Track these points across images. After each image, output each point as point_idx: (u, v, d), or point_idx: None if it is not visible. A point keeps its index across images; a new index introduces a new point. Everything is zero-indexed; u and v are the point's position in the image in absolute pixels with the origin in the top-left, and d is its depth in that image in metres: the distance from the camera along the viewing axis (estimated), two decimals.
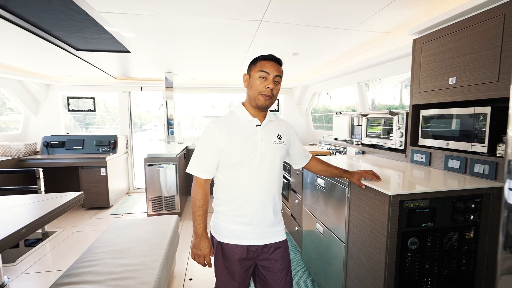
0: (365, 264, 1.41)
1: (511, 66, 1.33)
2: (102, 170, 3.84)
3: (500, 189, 1.36)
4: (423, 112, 1.87)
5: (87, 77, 4.26)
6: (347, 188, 1.58)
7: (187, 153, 4.29)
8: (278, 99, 5.15)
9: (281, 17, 1.91)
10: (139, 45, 2.57)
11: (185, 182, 4.08)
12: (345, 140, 3.18)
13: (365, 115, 2.61)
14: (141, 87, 4.73)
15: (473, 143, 1.52)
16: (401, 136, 2.11)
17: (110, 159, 3.95)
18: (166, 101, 4.26)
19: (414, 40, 1.91)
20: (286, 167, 3.04)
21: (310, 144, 4.17)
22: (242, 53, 2.91)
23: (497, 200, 1.34)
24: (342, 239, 1.65)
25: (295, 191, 2.77)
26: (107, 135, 4.32)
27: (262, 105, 1.15)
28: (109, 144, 4.25)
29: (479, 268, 1.43)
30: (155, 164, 3.42)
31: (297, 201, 2.65)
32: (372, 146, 2.55)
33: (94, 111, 4.59)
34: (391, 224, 1.23)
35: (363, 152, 2.64)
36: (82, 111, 4.63)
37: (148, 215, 3.45)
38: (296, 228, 2.67)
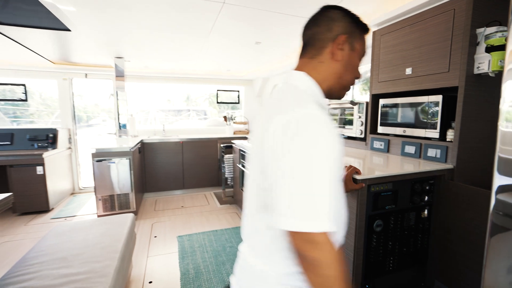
0: None
1: (460, 58, 1.44)
2: (39, 169, 3.32)
3: (451, 171, 1.48)
4: (382, 101, 1.96)
5: (16, 60, 3.62)
6: None
7: (143, 148, 3.97)
8: (238, 91, 5.06)
9: (244, 0, 1.81)
10: (81, 22, 2.23)
11: (141, 178, 3.77)
12: None
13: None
14: (86, 74, 4.20)
15: (426, 130, 1.63)
16: (361, 125, 2.19)
17: (48, 155, 3.44)
18: (117, 92, 3.85)
19: (374, 32, 1.98)
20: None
21: None
22: (202, 40, 2.74)
23: (449, 181, 1.46)
24: None
25: None
26: (44, 128, 3.76)
27: (341, 96, 0.76)
28: (46, 138, 3.70)
29: (431, 243, 1.55)
30: (105, 160, 3.07)
31: None
32: None
33: (26, 100, 3.94)
34: (360, 208, 1.25)
35: None
36: (9, 100, 3.95)
37: (99, 216, 3.10)
38: None
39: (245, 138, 4.01)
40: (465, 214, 1.38)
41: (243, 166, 3.23)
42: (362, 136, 2.19)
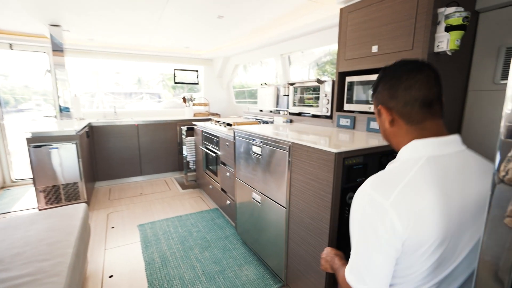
0: (309, 224, 1.43)
1: (423, 36, 1.51)
2: None
3: None
4: (348, 79, 2.00)
5: None
6: (287, 152, 1.55)
7: (91, 132, 3.54)
8: (197, 71, 4.79)
9: None
10: None
11: (91, 165, 3.38)
12: (271, 111, 3.21)
13: (292, 84, 2.66)
14: (11, 45, 3.52)
15: None
16: (328, 103, 2.22)
17: None
18: (55, 70, 3.30)
19: (341, 9, 1.97)
20: (214, 140, 2.86)
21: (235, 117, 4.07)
22: (157, 12, 2.45)
23: None
24: (283, 204, 1.64)
25: (224, 164, 2.65)
26: None
27: None
28: None
29: None
30: (44, 145, 2.65)
31: (228, 174, 2.54)
32: (300, 114, 2.64)
33: None
34: (336, 182, 1.26)
35: (291, 121, 2.71)
36: None
37: (41, 210, 2.71)
38: (228, 202, 2.59)
39: (208, 120, 3.84)
40: None
41: (206, 148, 3.10)
42: (329, 114, 2.23)
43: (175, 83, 4.61)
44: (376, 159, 1.49)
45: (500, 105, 1.74)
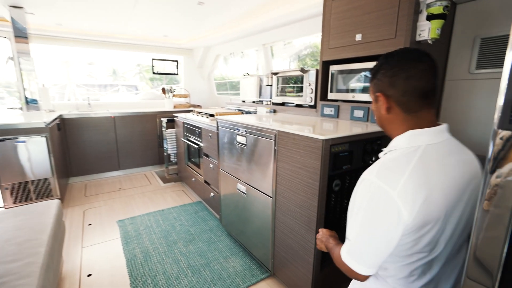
0: (296, 213, 1.43)
1: (406, 25, 1.52)
2: None
3: None
4: (332, 68, 1.99)
5: None
6: (273, 141, 1.53)
7: (63, 124, 3.31)
8: (177, 61, 4.62)
9: None
10: None
11: (64, 160, 3.18)
12: (254, 102, 3.17)
13: (275, 74, 2.62)
14: None
15: None
16: (311, 93, 2.22)
17: None
18: (18, 57, 3.03)
19: None
20: (196, 131, 2.78)
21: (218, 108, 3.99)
22: None
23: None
24: (269, 193, 1.62)
25: (207, 155, 2.58)
26: None
27: None
28: None
29: None
30: (9, 139, 2.44)
31: (211, 165, 2.49)
32: (283, 104, 2.62)
33: None
34: (323, 169, 1.25)
35: (274, 111, 2.68)
36: None
37: (7, 209, 2.51)
38: (212, 194, 2.54)
39: (189, 112, 3.72)
40: None
41: (188, 140, 3.01)
42: (313, 103, 2.22)
43: (154, 73, 4.42)
44: (361, 146, 1.50)
45: (475, 94, 1.82)
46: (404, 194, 0.67)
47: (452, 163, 0.76)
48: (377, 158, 1.59)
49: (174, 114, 3.46)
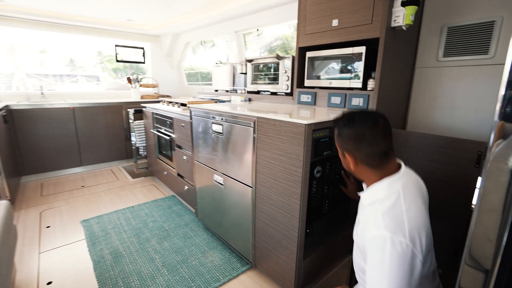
0: (277, 202, 1.38)
1: (381, 10, 1.52)
2: None
3: None
4: (309, 54, 1.96)
5: None
6: (252, 128, 1.46)
7: (11, 116, 2.93)
8: (143, 48, 4.32)
9: None
10: None
11: (13, 156, 2.82)
12: (227, 91, 3.06)
13: (250, 61, 2.54)
14: None
15: (351, 80, 1.73)
16: (288, 80, 2.18)
17: None
18: None
19: None
20: (167, 122, 2.62)
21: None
22: None
23: None
24: (249, 183, 1.56)
25: (180, 147, 2.45)
26: None
27: None
28: None
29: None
30: None
31: (184, 157, 2.36)
32: (258, 92, 2.56)
33: None
34: (306, 155, 1.22)
35: (249, 100, 2.61)
36: None
37: None
38: (186, 187, 2.42)
39: (158, 102, 3.50)
40: None
41: (158, 131, 2.83)
42: (289, 91, 2.19)
43: (117, 61, 4.09)
44: None
45: (442, 81, 1.90)
46: (412, 238, 0.77)
47: (418, 193, 0.90)
48: None
49: (143, 105, 3.24)
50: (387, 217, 0.81)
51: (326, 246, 1.54)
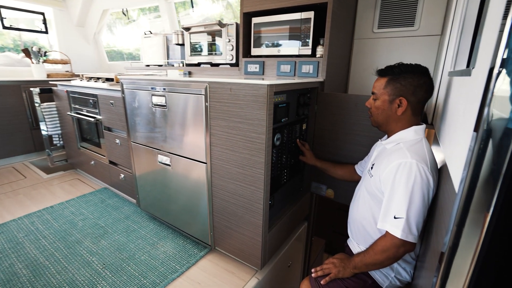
0: (238, 174, 1.27)
1: None
2: None
3: (322, 83, 1.63)
4: (255, 20, 1.84)
5: None
6: (204, 95, 1.29)
7: None
8: (43, 14, 3.47)
9: None
10: None
11: None
12: (161, 65, 2.72)
13: (187, 29, 2.27)
14: None
15: (300, 47, 1.69)
16: (232, 49, 2.02)
17: None
18: None
19: None
20: (89, 101, 2.17)
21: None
22: None
23: (321, 92, 1.61)
24: (202, 159, 1.40)
25: (110, 129, 2.08)
26: None
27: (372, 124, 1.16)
28: None
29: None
30: None
31: (117, 141, 2.01)
32: (199, 65, 2.33)
33: None
34: (268, 119, 1.12)
35: (189, 73, 2.36)
36: None
37: None
38: (122, 176, 2.09)
39: (68, 80, 2.89)
40: (335, 117, 1.58)
41: (78, 113, 2.35)
42: (234, 61, 2.04)
43: (4, 28, 3.19)
44: (295, 98, 1.45)
45: (377, 51, 2.04)
46: (431, 169, 0.91)
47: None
48: (305, 112, 1.56)
49: (52, 83, 2.62)
50: (412, 150, 0.94)
51: (286, 216, 1.52)
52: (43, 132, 2.69)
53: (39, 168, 2.86)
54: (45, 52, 3.29)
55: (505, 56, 0.40)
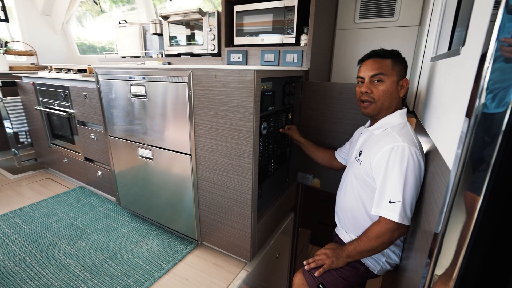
0: (225, 165, 1.23)
1: None
2: None
3: (306, 72, 1.62)
4: (237, 8, 1.78)
5: None
6: (187, 83, 1.23)
7: None
8: (1, 1, 3.18)
9: None
10: None
11: None
12: (139, 56, 2.59)
13: (166, 18, 2.17)
14: None
15: (284, 36, 1.66)
16: (214, 39, 1.96)
17: None
18: None
19: None
20: (60, 94, 2.02)
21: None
22: None
23: (306, 81, 1.59)
24: (186, 151, 1.34)
25: (84, 123, 1.96)
26: None
27: (363, 113, 1.11)
28: None
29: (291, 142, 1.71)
30: None
31: (93, 135, 1.89)
32: (178, 55, 2.24)
33: None
34: (256, 107, 1.09)
35: (169, 64, 2.26)
36: None
37: None
38: (100, 173, 1.97)
39: (34, 73, 2.68)
40: (320, 106, 1.58)
41: (47, 108, 2.18)
42: (216, 51, 1.98)
43: None
44: (281, 86, 1.42)
45: (358, 41, 2.06)
46: (420, 151, 0.94)
47: None
48: (290, 101, 1.54)
49: (16, 75, 2.41)
50: (401, 133, 0.97)
51: (273, 207, 1.51)
52: (8, 130, 2.48)
53: (4, 168, 2.64)
54: (6, 42, 3.02)
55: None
